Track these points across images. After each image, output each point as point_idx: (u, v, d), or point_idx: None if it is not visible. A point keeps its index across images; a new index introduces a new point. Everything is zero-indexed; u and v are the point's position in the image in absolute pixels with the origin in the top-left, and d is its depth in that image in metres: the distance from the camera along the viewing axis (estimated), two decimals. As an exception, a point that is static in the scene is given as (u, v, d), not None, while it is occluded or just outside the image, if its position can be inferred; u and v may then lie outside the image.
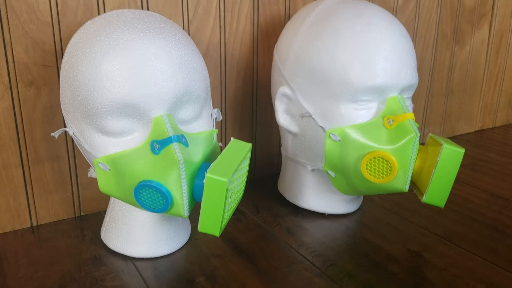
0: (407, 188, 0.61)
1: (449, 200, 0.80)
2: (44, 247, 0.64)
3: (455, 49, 1.10)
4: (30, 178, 0.69)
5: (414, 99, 1.07)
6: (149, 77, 0.50)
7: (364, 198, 0.80)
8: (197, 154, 0.53)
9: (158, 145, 0.50)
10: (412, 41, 1.02)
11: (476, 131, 1.23)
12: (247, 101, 0.85)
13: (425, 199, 0.60)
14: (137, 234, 0.61)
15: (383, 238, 0.67)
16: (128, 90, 0.50)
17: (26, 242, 0.66)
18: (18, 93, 0.65)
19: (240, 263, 0.61)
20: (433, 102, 1.11)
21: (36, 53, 0.65)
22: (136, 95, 0.50)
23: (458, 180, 0.89)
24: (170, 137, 0.50)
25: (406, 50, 0.63)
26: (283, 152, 0.77)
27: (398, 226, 0.71)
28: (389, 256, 0.62)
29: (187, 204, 0.52)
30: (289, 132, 0.71)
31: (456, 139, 1.16)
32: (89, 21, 0.56)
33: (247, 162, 0.55)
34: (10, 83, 0.64)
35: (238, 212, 0.75)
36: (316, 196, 0.73)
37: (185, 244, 0.65)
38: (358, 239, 0.67)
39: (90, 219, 0.73)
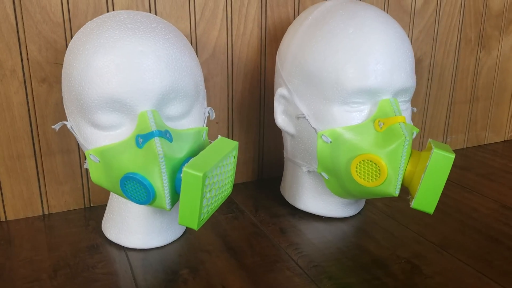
0: (397, 192, 0.60)
1: (455, 208, 0.78)
2: (49, 234, 0.69)
3: (480, 54, 1.06)
4: (42, 168, 0.73)
5: (436, 105, 1.04)
6: (135, 73, 0.53)
7: (366, 202, 0.79)
8: (182, 150, 0.55)
9: (142, 139, 0.53)
10: (432, 46, 0.99)
11: (504, 141, 1.17)
12: (254, 103, 0.86)
13: (413, 204, 0.59)
14: (131, 225, 0.64)
15: (376, 243, 0.66)
16: (115, 86, 0.52)
17: (35, 228, 0.70)
18: (32, 89, 0.70)
19: (225, 258, 0.62)
20: (456, 109, 1.07)
21: (49, 52, 0.69)
22: (122, 91, 0.53)
23: (470, 188, 0.86)
24: (152, 132, 0.52)
25: (401, 52, 0.62)
26: (284, 153, 0.77)
27: (394, 232, 0.69)
28: (376, 261, 0.61)
29: (169, 197, 0.54)
30: (287, 133, 0.71)
31: (482, 149, 1.11)
32: (89, 21, 0.59)
33: (232, 160, 0.56)
34: (24, 80, 0.69)
35: (237, 211, 0.76)
36: (314, 198, 0.73)
37: (179, 237, 0.67)
38: (350, 243, 0.66)
39: (98, 210, 0.77)
